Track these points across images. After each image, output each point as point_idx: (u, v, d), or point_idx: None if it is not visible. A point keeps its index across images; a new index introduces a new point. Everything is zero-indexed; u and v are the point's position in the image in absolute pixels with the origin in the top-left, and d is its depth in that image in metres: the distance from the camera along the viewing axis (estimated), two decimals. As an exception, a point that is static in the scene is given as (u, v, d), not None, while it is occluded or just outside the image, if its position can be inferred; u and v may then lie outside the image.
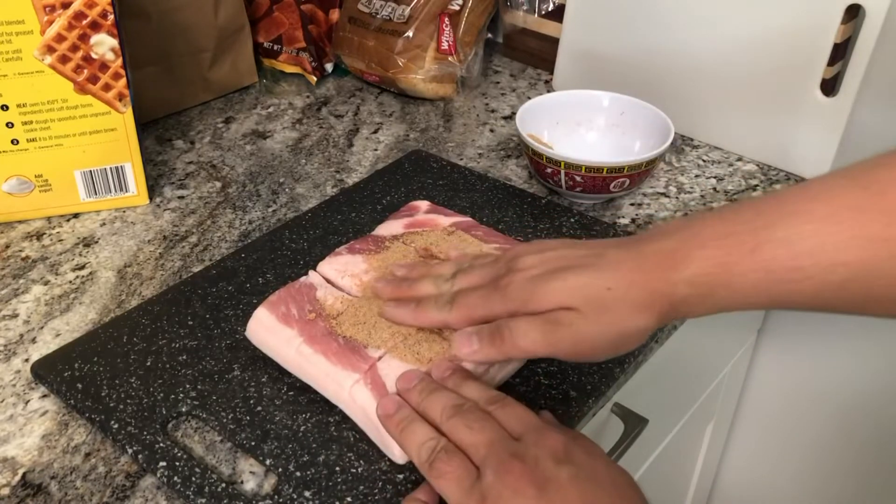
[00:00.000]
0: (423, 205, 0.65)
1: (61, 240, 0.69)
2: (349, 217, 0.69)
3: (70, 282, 0.64)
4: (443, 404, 0.45)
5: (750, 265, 0.40)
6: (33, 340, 0.58)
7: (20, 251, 0.67)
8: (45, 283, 0.64)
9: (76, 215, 0.72)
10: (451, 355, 0.49)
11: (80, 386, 0.52)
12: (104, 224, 0.71)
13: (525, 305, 0.45)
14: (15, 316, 0.60)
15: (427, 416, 0.45)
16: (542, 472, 0.39)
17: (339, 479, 0.46)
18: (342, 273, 0.56)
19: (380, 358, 0.49)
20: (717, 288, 0.41)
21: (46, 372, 0.54)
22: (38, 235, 0.69)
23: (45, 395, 0.54)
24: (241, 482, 0.47)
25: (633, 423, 0.62)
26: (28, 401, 0.53)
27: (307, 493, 0.45)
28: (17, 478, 0.48)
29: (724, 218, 0.42)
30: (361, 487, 0.46)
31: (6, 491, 0.47)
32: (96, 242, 0.68)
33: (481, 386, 0.47)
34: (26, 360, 0.56)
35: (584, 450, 0.41)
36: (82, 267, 0.66)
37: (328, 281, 0.56)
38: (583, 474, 0.40)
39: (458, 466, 0.41)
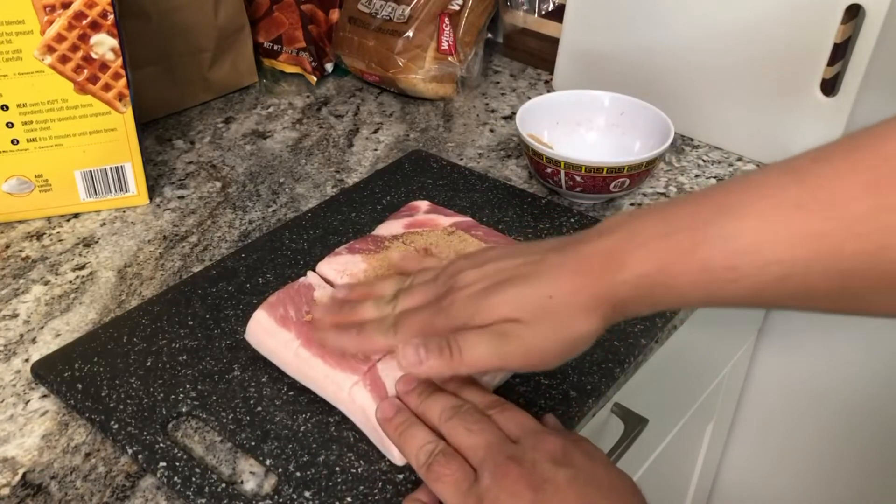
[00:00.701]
0: (423, 205, 0.65)
1: (61, 240, 0.69)
2: (349, 217, 0.69)
3: (70, 282, 0.64)
4: (441, 406, 0.45)
5: (687, 265, 0.39)
6: (33, 340, 0.58)
7: (20, 251, 0.67)
8: (46, 283, 0.64)
9: (76, 215, 0.72)
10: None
11: (80, 386, 0.52)
12: (104, 224, 0.71)
13: (469, 322, 0.44)
14: (15, 316, 0.60)
15: (426, 418, 0.45)
16: (540, 474, 0.39)
17: (339, 480, 0.46)
18: (341, 273, 0.56)
19: (379, 359, 0.49)
20: (657, 288, 0.40)
21: (46, 372, 0.54)
22: (38, 235, 0.69)
23: (45, 395, 0.54)
24: (242, 482, 0.47)
25: (633, 423, 0.62)
26: (28, 401, 0.53)
27: (307, 494, 0.45)
28: (18, 478, 0.48)
29: (664, 215, 0.41)
30: (361, 487, 0.46)
31: (6, 491, 0.47)
32: (96, 242, 0.68)
33: (481, 390, 0.47)
34: (26, 360, 0.56)
35: (583, 453, 0.41)
36: (82, 267, 0.66)
37: (327, 281, 0.56)
38: (581, 477, 0.40)
39: (456, 469, 0.41)
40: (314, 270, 0.57)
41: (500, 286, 0.44)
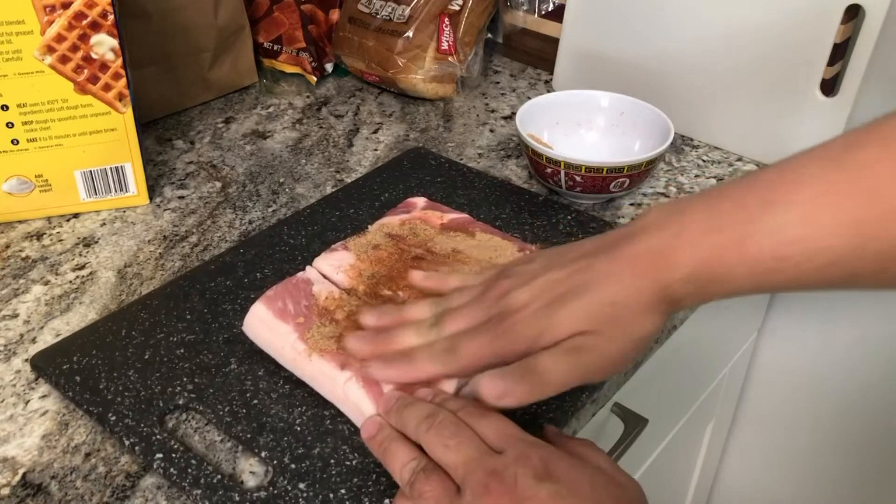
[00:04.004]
0: (420, 201, 0.65)
1: (61, 240, 0.69)
2: (347, 213, 0.69)
3: (70, 282, 0.64)
4: (417, 418, 0.44)
5: (738, 259, 0.40)
6: (33, 340, 0.58)
7: (20, 251, 0.67)
8: (45, 283, 0.64)
9: (76, 215, 0.72)
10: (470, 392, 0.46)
11: (78, 378, 0.53)
12: (104, 224, 0.71)
13: (537, 342, 0.43)
14: (15, 316, 0.60)
15: (406, 433, 0.44)
16: (521, 491, 0.38)
17: (334, 472, 0.46)
18: (338, 269, 0.56)
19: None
20: (710, 283, 0.41)
21: (45, 364, 0.54)
22: (38, 235, 0.69)
23: (44, 396, 0.54)
24: (237, 473, 0.47)
25: (633, 423, 0.62)
26: (28, 401, 0.53)
27: (301, 486, 0.46)
28: (18, 478, 0.48)
29: (709, 210, 0.42)
30: (355, 480, 0.46)
31: (6, 491, 0.47)
32: (96, 242, 0.68)
33: (461, 399, 0.46)
34: (26, 360, 0.56)
35: (568, 466, 0.40)
36: (82, 267, 0.66)
37: (324, 276, 0.56)
38: (564, 490, 0.39)
39: (437, 486, 0.41)
40: (312, 266, 0.58)
41: (562, 301, 0.43)
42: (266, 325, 0.53)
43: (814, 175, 0.40)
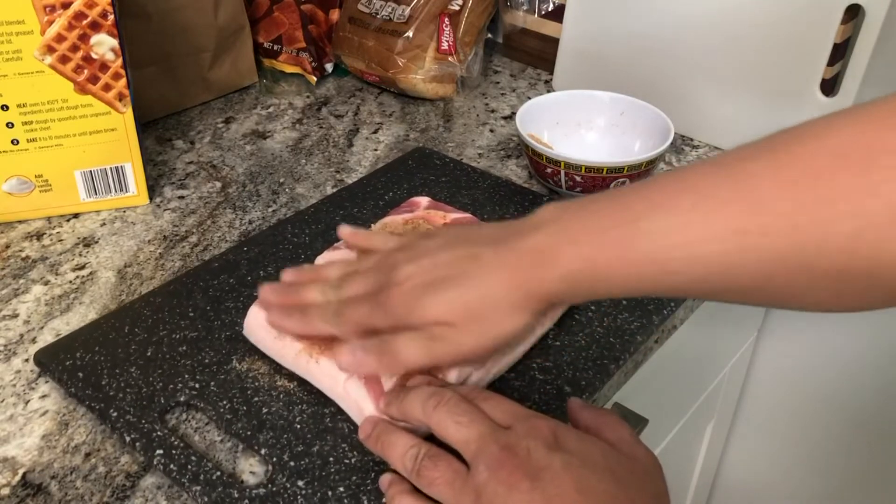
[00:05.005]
0: (424, 200, 0.65)
1: (61, 240, 0.69)
2: (351, 212, 0.69)
3: (70, 282, 0.64)
4: (422, 399, 0.44)
5: (617, 261, 0.40)
6: (33, 340, 0.58)
7: (20, 251, 0.67)
8: (45, 283, 0.64)
9: (76, 215, 0.72)
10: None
11: (81, 375, 0.53)
12: (104, 224, 0.71)
13: (404, 320, 0.45)
14: (15, 316, 0.60)
15: (410, 417, 0.45)
16: (536, 462, 0.39)
17: (333, 470, 0.47)
18: None
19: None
20: (587, 282, 0.41)
21: (48, 360, 0.54)
22: (38, 235, 0.69)
23: (45, 395, 0.54)
24: (237, 470, 0.47)
25: (633, 423, 0.62)
26: (28, 401, 0.53)
27: (300, 483, 0.46)
28: (17, 478, 0.48)
29: (596, 210, 0.42)
30: (354, 478, 0.46)
31: (6, 491, 0.47)
32: (96, 242, 0.68)
33: (460, 388, 0.46)
34: (26, 361, 0.56)
35: (577, 436, 0.41)
36: (82, 267, 0.66)
37: None
38: (576, 460, 0.39)
39: (446, 469, 0.41)
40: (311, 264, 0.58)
41: (436, 286, 0.44)
42: (265, 326, 0.52)
43: (704, 182, 0.39)
